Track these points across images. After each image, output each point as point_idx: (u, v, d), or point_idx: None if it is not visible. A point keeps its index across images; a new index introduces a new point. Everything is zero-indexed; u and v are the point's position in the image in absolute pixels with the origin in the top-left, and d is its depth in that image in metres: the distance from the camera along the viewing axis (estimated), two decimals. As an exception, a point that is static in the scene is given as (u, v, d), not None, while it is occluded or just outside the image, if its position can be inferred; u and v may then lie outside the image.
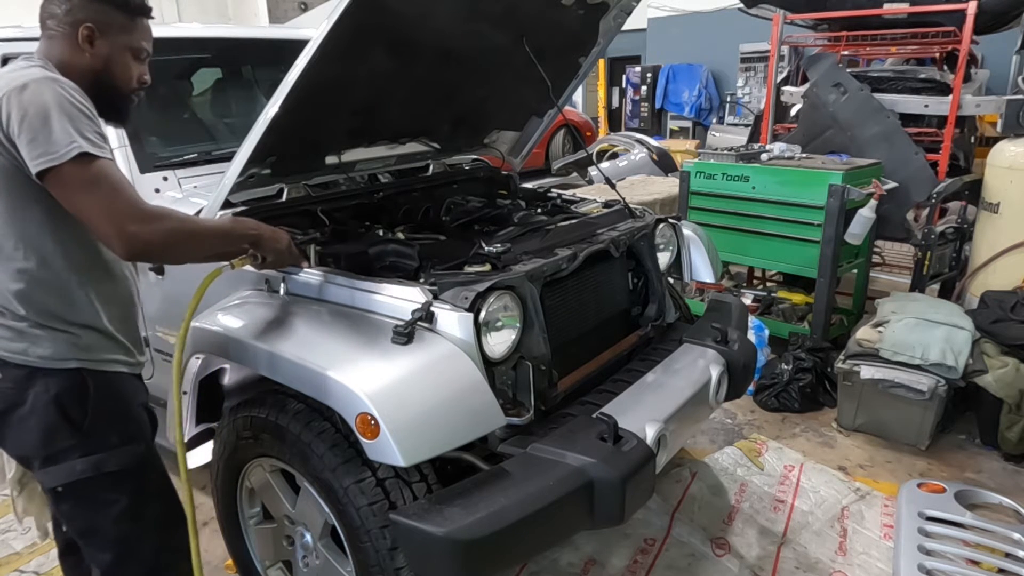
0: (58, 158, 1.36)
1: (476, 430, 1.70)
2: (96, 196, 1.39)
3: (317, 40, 1.71)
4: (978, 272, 3.88)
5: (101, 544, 1.67)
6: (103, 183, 1.40)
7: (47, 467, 1.58)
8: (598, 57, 2.94)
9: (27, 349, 1.53)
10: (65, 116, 1.39)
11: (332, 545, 1.97)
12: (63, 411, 1.55)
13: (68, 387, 1.56)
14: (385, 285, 1.86)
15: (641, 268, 2.55)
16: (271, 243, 1.73)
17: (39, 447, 1.56)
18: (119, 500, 1.63)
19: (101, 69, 1.57)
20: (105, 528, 1.64)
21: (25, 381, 1.54)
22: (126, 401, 1.68)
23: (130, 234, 1.40)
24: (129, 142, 2.35)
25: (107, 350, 1.63)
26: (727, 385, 2.38)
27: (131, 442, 1.66)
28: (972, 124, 5.46)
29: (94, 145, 1.40)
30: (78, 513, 1.65)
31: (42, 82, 1.42)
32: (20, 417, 1.55)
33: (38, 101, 1.38)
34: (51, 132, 1.37)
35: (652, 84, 12.99)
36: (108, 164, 1.42)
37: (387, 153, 2.72)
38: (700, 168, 4.18)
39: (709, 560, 2.52)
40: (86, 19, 1.54)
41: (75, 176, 1.38)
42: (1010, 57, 6.69)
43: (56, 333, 1.55)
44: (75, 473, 1.57)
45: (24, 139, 1.37)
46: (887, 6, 4.92)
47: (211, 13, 15.53)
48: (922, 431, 3.20)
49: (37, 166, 1.37)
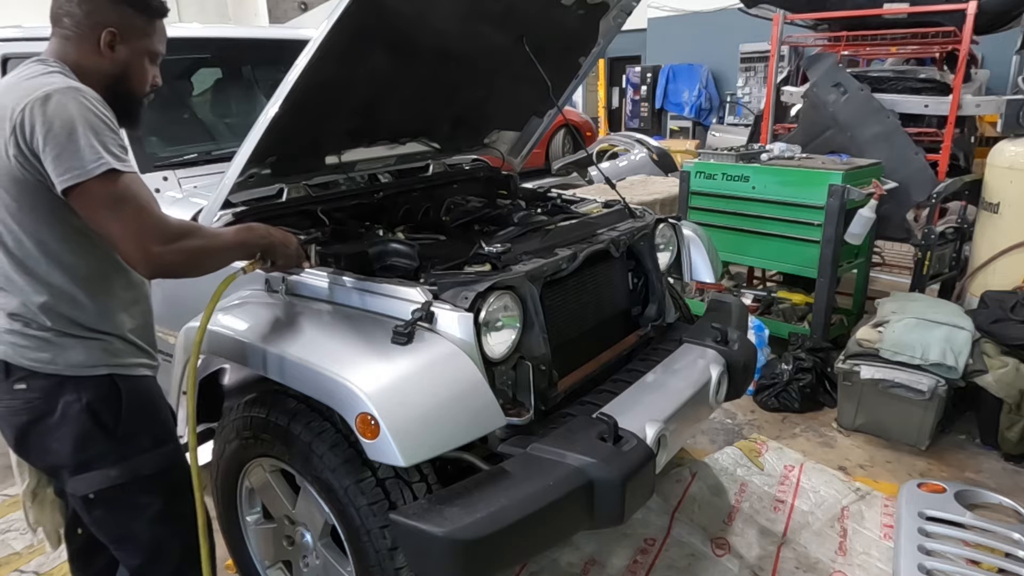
0: (85, 174, 1.33)
1: (476, 430, 1.70)
2: (121, 215, 1.37)
3: (317, 40, 1.71)
4: (978, 272, 3.88)
5: (135, 548, 1.66)
6: (129, 202, 1.38)
7: (79, 474, 1.56)
8: (598, 57, 2.94)
9: (55, 358, 1.51)
10: (91, 130, 1.36)
11: (332, 545, 1.97)
12: (96, 418, 1.54)
13: (100, 394, 1.55)
14: (385, 285, 1.85)
15: (641, 268, 2.55)
16: (282, 248, 1.73)
17: (71, 455, 1.55)
18: (153, 503, 1.64)
19: (120, 74, 1.54)
20: (140, 531, 1.64)
21: (55, 390, 1.52)
22: (155, 403, 1.69)
23: (154, 255, 1.39)
24: (129, 142, 2.34)
25: (132, 355, 1.63)
26: (727, 385, 2.38)
27: (163, 444, 1.66)
28: (972, 124, 5.46)
29: (119, 160, 1.38)
30: (111, 519, 1.63)
31: (65, 92, 1.38)
32: (49, 427, 1.53)
33: (63, 115, 1.35)
34: (78, 148, 1.33)
35: (652, 84, 12.99)
36: (133, 180, 1.40)
37: (387, 153, 2.72)
38: (700, 168, 4.18)
39: (709, 560, 2.52)
40: (109, 23, 1.49)
41: (101, 193, 1.36)
42: (1010, 57, 6.69)
43: (85, 340, 1.53)
44: (110, 479, 1.57)
45: (50, 154, 1.34)
46: (887, 6, 4.91)
47: (211, 13, 15.51)
48: (922, 431, 3.20)
49: (64, 183, 1.34)
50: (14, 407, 1.54)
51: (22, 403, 1.53)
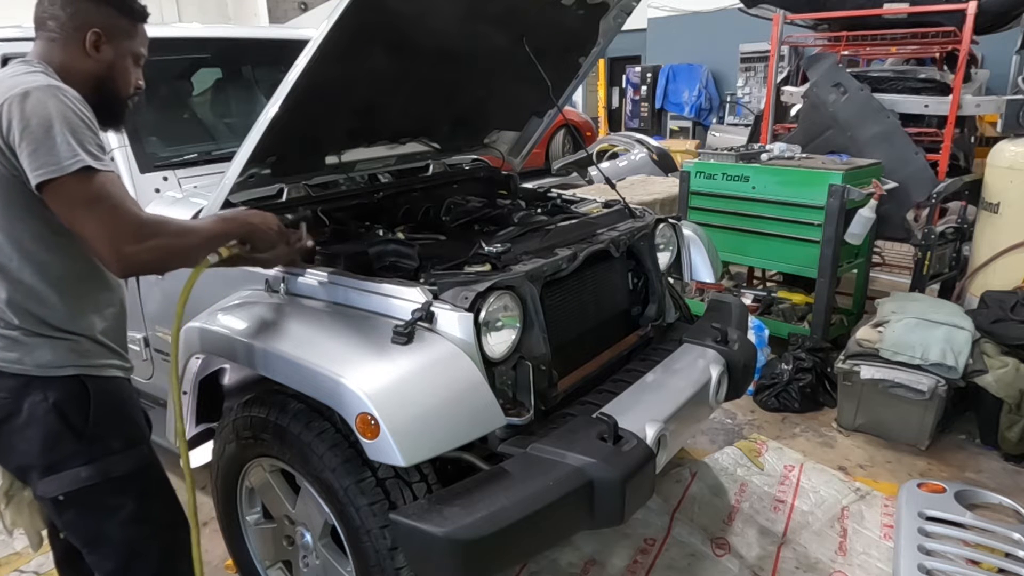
0: (60, 170, 1.33)
1: (476, 430, 1.70)
2: (94, 214, 1.36)
3: (317, 40, 1.71)
4: (978, 272, 3.88)
5: (107, 551, 1.64)
6: (103, 201, 1.37)
7: (48, 476, 1.55)
8: (598, 57, 2.94)
9: (22, 358, 1.50)
10: (68, 128, 1.36)
11: (332, 545, 1.97)
12: (64, 418, 1.53)
13: (67, 394, 1.54)
14: (385, 285, 1.85)
15: (641, 268, 2.55)
16: (262, 231, 1.70)
17: (39, 456, 1.53)
18: (126, 504, 1.61)
19: (105, 75, 1.56)
20: (112, 534, 1.62)
21: (21, 390, 1.51)
22: (125, 404, 1.67)
23: (126, 255, 1.38)
24: (129, 142, 2.35)
25: (102, 356, 1.61)
26: (727, 385, 2.38)
27: (134, 445, 1.64)
28: (972, 124, 5.46)
29: (96, 159, 1.38)
30: (82, 521, 1.62)
31: (45, 90, 1.38)
32: (17, 427, 1.52)
33: (41, 111, 1.35)
34: (54, 144, 1.34)
35: (652, 84, 12.99)
36: (109, 178, 1.39)
37: (387, 153, 2.72)
38: (700, 168, 4.18)
39: (709, 560, 2.52)
40: (93, 24, 1.52)
41: (75, 190, 1.36)
42: (1010, 57, 6.69)
43: (53, 340, 1.53)
44: (79, 480, 1.55)
45: (26, 149, 1.35)
46: (887, 6, 4.92)
47: (211, 13, 15.52)
48: (922, 431, 3.20)
49: (37, 177, 1.34)
50: None
51: None
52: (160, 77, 2.74)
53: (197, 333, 1.92)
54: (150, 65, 1.70)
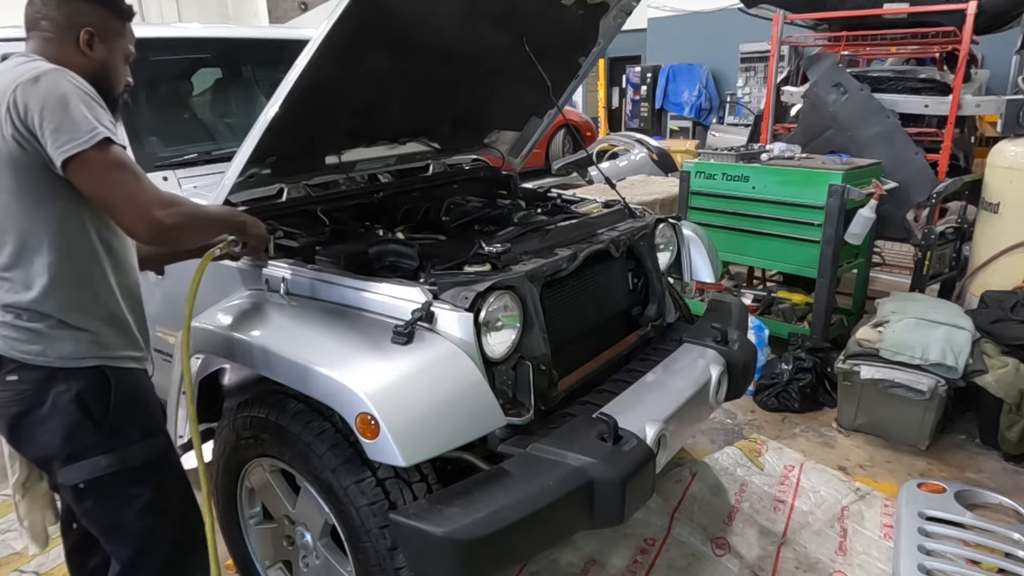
0: (84, 143, 1.39)
1: (476, 430, 1.70)
2: (121, 181, 1.43)
3: (317, 40, 1.71)
4: (978, 272, 3.88)
5: (123, 539, 1.68)
6: (127, 170, 1.44)
7: (69, 464, 1.59)
8: (598, 57, 2.94)
9: (45, 350, 1.54)
10: (84, 103, 1.42)
11: (332, 545, 1.97)
12: (85, 409, 1.57)
13: (89, 385, 1.58)
14: (385, 285, 1.86)
15: (641, 268, 2.55)
16: (253, 228, 1.81)
17: (61, 446, 1.58)
18: (143, 493, 1.66)
19: (98, 71, 1.60)
20: (129, 522, 1.66)
21: (45, 382, 1.55)
22: (144, 395, 1.72)
23: (156, 219, 1.45)
24: (129, 142, 2.35)
25: (123, 347, 1.65)
26: (727, 385, 2.38)
27: (152, 435, 1.69)
28: (972, 124, 5.46)
29: (112, 133, 1.44)
30: (101, 509, 1.66)
31: (54, 72, 1.44)
32: (40, 418, 1.56)
33: (55, 91, 1.41)
34: (73, 120, 1.40)
35: (652, 84, 12.98)
36: (125, 152, 1.47)
37: (387, 153, 2.72)
38: (700, 168, 4.18)
39: (709, 560, 2.52)
40: (86, 23, 1.57)
41: (100, 161, 1.41)
42: (1010, 57, 6.70)
43: (76, 333, 1.56)
44: (99, 469, 1.59)
45: (48, 128, 1.39)
46: (887, 6, 4.92)
47: (211, 13, 15.53)
48: (922, 431, 3.20)
49: (63, 153, 1.39)
50: (6, 398, 1.57)
51: (13, 394, 1.56)
52: (160, 77, 2.75)
53: (197, 333, 1.92)
54: (151, 65, 1.72)
